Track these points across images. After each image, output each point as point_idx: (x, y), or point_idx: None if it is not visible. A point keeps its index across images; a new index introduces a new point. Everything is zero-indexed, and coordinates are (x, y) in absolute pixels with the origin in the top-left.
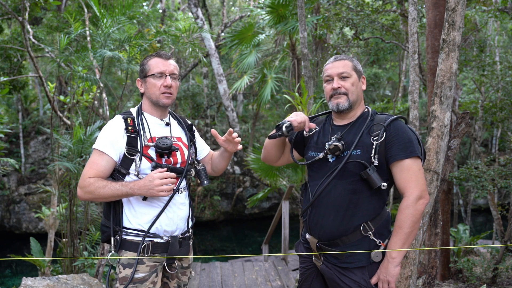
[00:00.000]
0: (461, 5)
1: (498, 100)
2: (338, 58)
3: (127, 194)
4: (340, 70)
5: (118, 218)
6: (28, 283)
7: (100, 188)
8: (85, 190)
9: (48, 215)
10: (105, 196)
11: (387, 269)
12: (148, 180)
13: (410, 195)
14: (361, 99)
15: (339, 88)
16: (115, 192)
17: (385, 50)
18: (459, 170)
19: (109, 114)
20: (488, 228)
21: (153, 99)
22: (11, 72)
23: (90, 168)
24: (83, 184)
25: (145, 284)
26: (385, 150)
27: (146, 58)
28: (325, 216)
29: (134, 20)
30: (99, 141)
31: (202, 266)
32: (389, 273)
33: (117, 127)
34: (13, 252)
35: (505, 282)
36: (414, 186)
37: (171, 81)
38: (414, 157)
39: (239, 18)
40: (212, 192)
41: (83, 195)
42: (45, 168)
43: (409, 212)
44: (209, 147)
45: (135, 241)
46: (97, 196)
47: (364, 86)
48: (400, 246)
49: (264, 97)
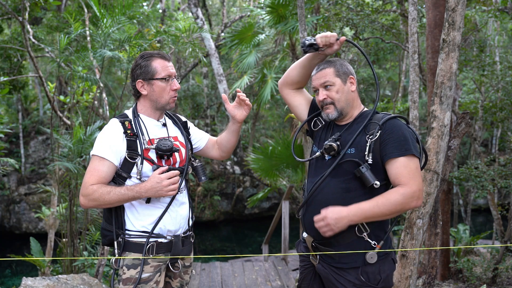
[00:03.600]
0: (461, 5)
1: (498, 100)
2: (319, 67)
3: (134, 198)
4: (322, 81)
5: (120, 221)
6: (28, 283)
7: (105, 195)
8: (89, 198)
9: (48, 215)
10: (111, 202)
11: (339, 215)
12: (156, 182)
13: (410, 188)
14: (353, 100)
15: (324, 99)
16: (120, 197)
17: (385, 50)
18: (459, 170)
19: (109, 114)
20: (488, 228)
21: (161, 102)
22: (11, 72)
23: (91, 175)
24: (86, 192)
25: (149, 284)
26: (380, 149)
27: (145, 58)
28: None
29: (134, 20)
30: (98, 147)
31: (202, 266)
32: (334, 216)
33: (116, 131)
34: (13, 252)
35: (505, 282)
36: (412, 183)
37: (178, 84)
38: (410, 155)
39: (239, 18)
40: (212, 192)
41: (87, 203)
42: (45, 168)
43: (401, 201)
44: (207, 134)
45: (139, 242)
46: (102, 203)
47: (353, 86)
48: (366, 218)
49: (264, 97)
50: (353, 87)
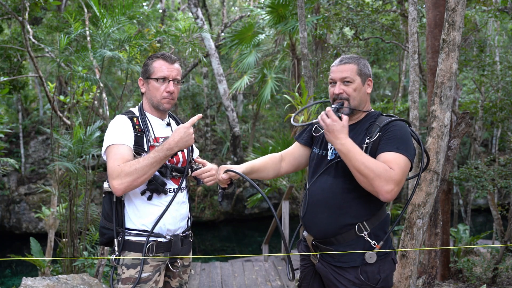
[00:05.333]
0: (461, 5)
1: (498, 100)
2: (343, 60)
3: (166, 156)
4: (343, 75)
5: (120, 219)
6: (28, 283)
7: (136, 164)
8: (121, 177)
9: (48, 215)
10: (144, 170)
11: (338, 125)
12: (183, 131)
13: (393, 173)
14: (365, 102)
15: (340, 93)
16: (152, 161)
17: (385, 50)
18: (459, 170)
19: (109, 114)
20: (488, 228)
21: (154, 102)
22: (11, 72)
23: (115, 160)
24: (116, 174)
25: (149, 284)
26: (376, 148)
27: (151, 58)
28: (318, 213)
29: (134, 20)
30: (111, 137)
31: (202, 266)
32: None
33: (126, 124)
34: (13, 252)
35: (505, 282)
36: (397, 173)
37: (173, 87)
38: (402, 155)
39: (239, 18)
40: (212, 192)
41: (121, 185)
42: (45, 168)
43: (379, 170)
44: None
45: (138, 242)
46: (137, 176)
47: (369, 89)
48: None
49: (264, 97)
50: (369, 90)
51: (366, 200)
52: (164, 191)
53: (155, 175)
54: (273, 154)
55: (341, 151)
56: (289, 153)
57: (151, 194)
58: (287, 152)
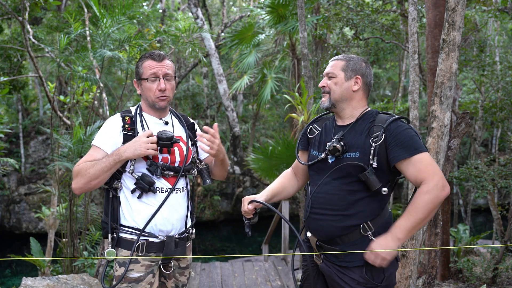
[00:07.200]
0: (461, 5)
1: (498, 100)
2: (334, 58)
3: (115, 161)
4: (328, 70)
5: (115, 215)
6: (28, 283)
7: (89, 168)
8: (78, 177)
9: (48, 215)
10: (96, 174)
11: (386, 244)
12: (134, 140)
13: (432, 181)
14: (351, 99)
15: (323, 87)
16: (103, 165)
17: (385, 50)
18: (459, 170)
19: (109, 114)
20: (488, 228)
21: (149, 101)
22: (11, 72)
23: (85, 160)
24: (75, 174)
25: (141, 285)
26: (386, 152)
27: (140, 59)
28: (322, 215)
29: (134, 20)
30: (96, 138)
31: (202, 266)
32: (387, 247)
33: (114, 124)
34: (13, 252)
35: (505, 282)
36: (433, 175)
37: (164, 85)
38: (421, 153)
39: (239, 18)
40: (212, 192)
41: (76, 185)
42: (45, 168)
43: (429, 198)
44: None
45: (130, 239)
46: (89, 178)
47: (356, 86)
48: (409, 230)
49: (264, 97)
50: (355, 87)
51: (370, 201)
52: (152, 190)
53: (143, 174)
54: (286, 172)
55: (406, 237)
56: (298, 166)
57: (141, 192)
58: (296, 166)
